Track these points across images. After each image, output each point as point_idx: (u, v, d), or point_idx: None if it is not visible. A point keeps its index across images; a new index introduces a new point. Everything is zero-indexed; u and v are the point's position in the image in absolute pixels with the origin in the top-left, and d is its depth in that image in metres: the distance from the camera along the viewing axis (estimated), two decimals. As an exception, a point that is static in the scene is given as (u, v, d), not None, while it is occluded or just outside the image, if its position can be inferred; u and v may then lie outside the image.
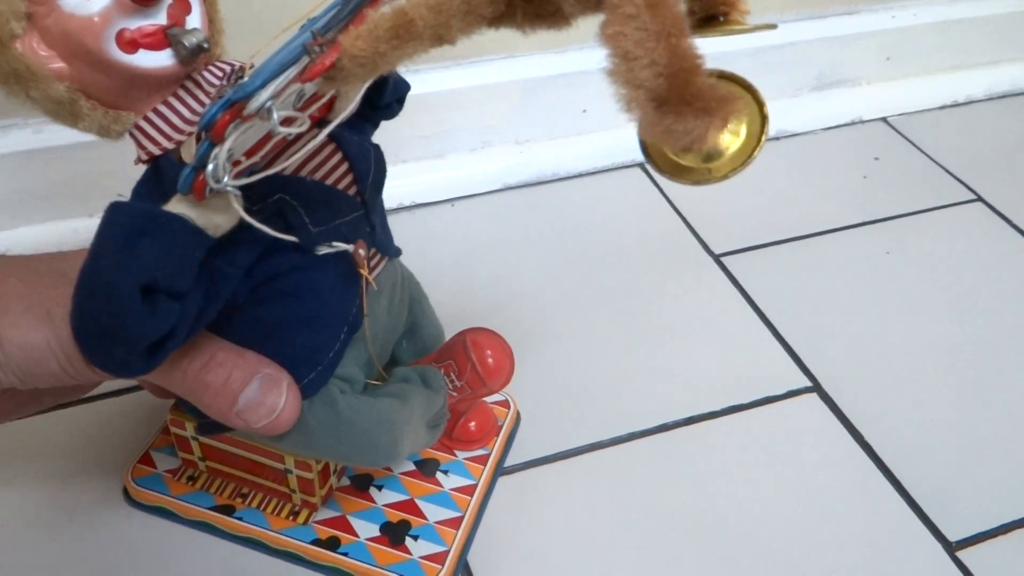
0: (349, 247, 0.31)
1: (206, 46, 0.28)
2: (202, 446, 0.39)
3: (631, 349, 0.50)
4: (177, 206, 0.26)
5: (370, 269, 0.33)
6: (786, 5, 0.67)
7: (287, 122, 0.25)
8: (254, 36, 0.31)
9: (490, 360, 0.38)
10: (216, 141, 0.24)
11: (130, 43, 0.27)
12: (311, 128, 0.26)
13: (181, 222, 0.26)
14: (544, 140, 0.64)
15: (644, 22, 0.20)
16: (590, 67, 0.63)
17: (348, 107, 0.30)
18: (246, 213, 0.27)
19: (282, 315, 0.31)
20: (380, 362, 0.37)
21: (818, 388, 0.48)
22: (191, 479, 0.40)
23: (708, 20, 0.24)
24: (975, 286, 0.55)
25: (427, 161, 0.61)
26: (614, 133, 0.64)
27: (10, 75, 0.27)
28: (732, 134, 0.23)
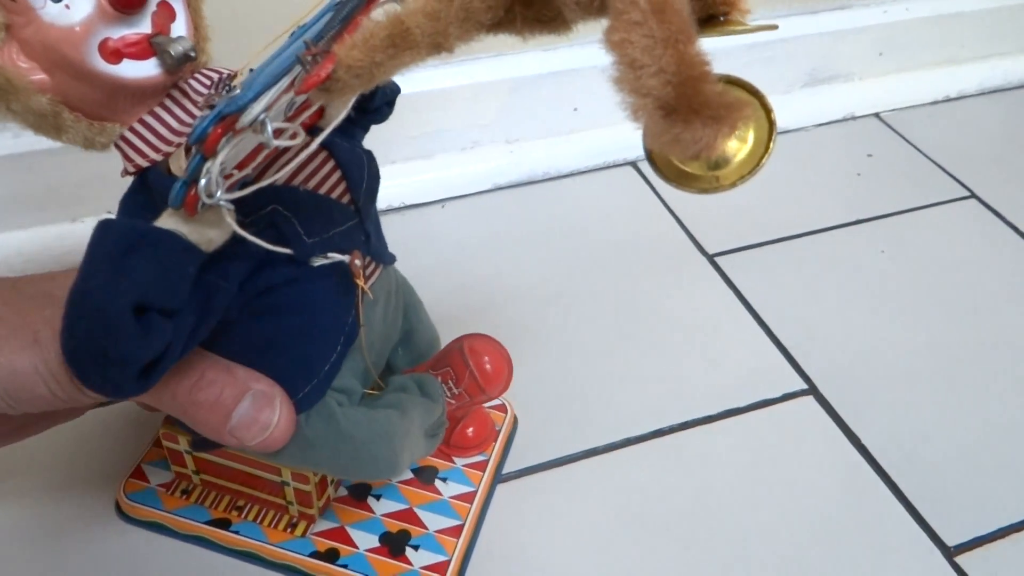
0: (345, 258, 0.30)
1: (193, 55, 0.27)
2: (196, 459, 0.38)
3: (625, 351, 0.50)
4: (168, 221, 0.26)
5: (366, 278, 0.32)
6: (778, 0, 0.67)
7: (281, 134, 0.24)
8: (240, 42, 0.30)
9: (488, 367, 0.37)
10: (208, 155, 0.24)
11: (114, 53, 0.26)
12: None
13: (173, 238, 0.25)
14: (535, 139, 0.63)
15: (651, 28, 0.19)
16: (580, 65, 0.63)
17: (340, 114, 0.29)
18: (239, 226, 0.26)
19: (277, 329, 0.30)
20: (376, 371, 0.36)
21: (814, 390, 0.48)
22: (185, 493, 0.39)
23: (708, 20, 0.24)
24: (971, 285, 0.55)
25: (416, 162, 0.61)
26: (606, 131, 0.64)
27: (-12, 88, 0.26)
28: (739, 140, 0.22)
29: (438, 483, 0.40)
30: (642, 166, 0.64)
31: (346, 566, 0.37)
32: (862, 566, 0.40)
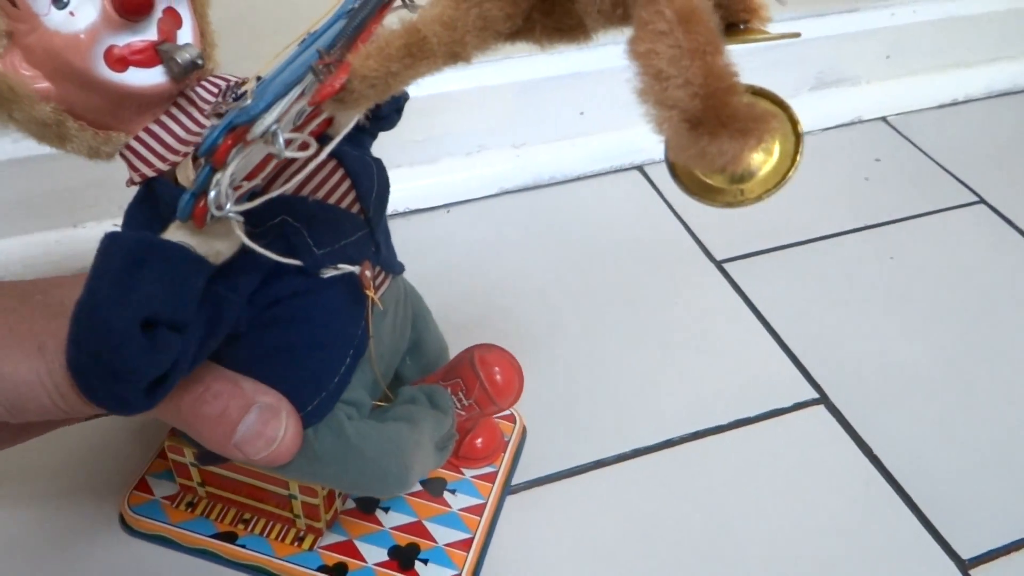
0: (355, 269, 0.30)
1: (200, 62, 0.27)
2: (201, 472, 0.37)
3: (634, 359, 0.49)
4: (176, 233, 0.25)
5: (375, 289, 0.32)
6: (777, 5, 0.66)
7: (291, 144, 0.24)
8: (245, 47, 0.30)
9: (499, 378, 0.37)
10: (218, 167, 0.23)
11: (119, 61, 0.25)
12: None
13: (181, 251, 0.25)
14: (541, 143, 0.63)
15: (677, 39, 0.19)
16: (587, 68, 0.62)
17: (349, 122, 0.28)
18: (248, 238, 0.25)
19: (286, 341, 0.30)
20: (384, 382, 0.35)
21: (825, 400, 0.47)
22: (190, 505, 0.38)
23: (728, 28, 0.23)
24: (981, 291, 0.55)
25: (421, 166, 0.60)
26: (612, 135, 0.63)
27: (-10, 97, 0.25)
28: (765, 153, 0.21)
29: (447, 495, 0.40)
30: (649, 170, 0.63)
31: (354, 580, 0.36)
32: (876, 579, 0.39)
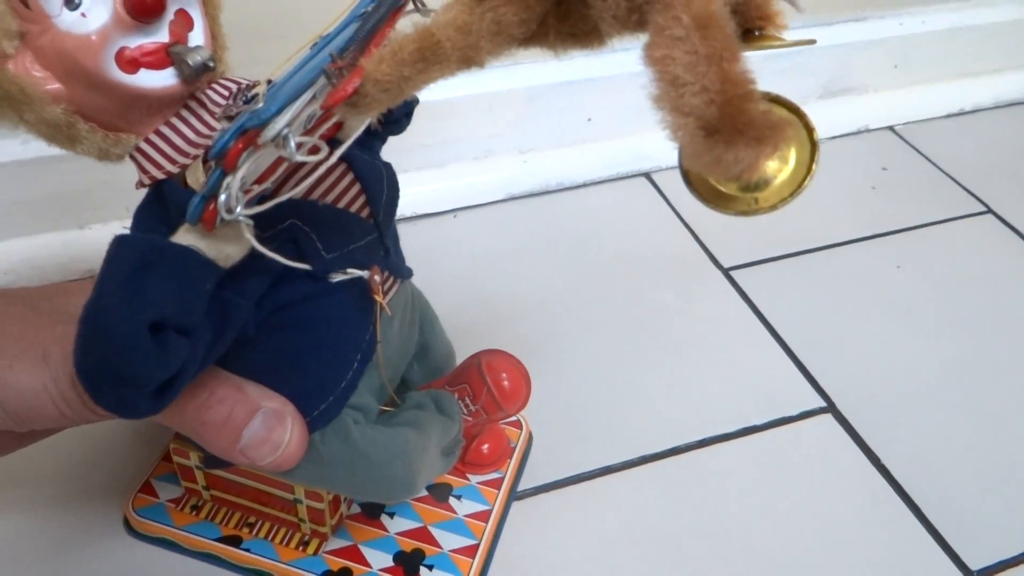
0: (364, 273, 0.29)
1: (212, 64, 0.27)
2: (206, 475, 0.37)
3: (641, 366, 0.49)
4: (185, 237, 0.25)
5: (384, 294, 0.31)
6: (792, 12, 0.66)
7: (302, 148, 0.23)
8: (252, 50, 0.30)
9: (506, 383, 0.37)
10: (228, 170, 0.23)
11: (130, 62, 0.25)
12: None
13: (190, 254, 0.25)
14: (548, 149, 0.62)
15: (694, 45, 0.18)
16: (595, 75, 0.62)
17: (360, 127, 0.28)
18: (257, 241, 0.25)
19: (293, 345, 0.30)
20: (391, 387, 0.35)
21: (832, 408, 0.47)
22: (195, 508, 0.38)
23: (744, 34, 0.23)
24: (989, 302, 0.54)
25: (428, 171, 0.60)
26: (619, 142, 0.63)
27: (2, 98, 0.25)
28: (780, 161, 0.21)
29: (452, 501, 0.39)
30: (656, 177, 0.63)
31: (359, 586, 0.36)
32: (884, 590, 0.39)
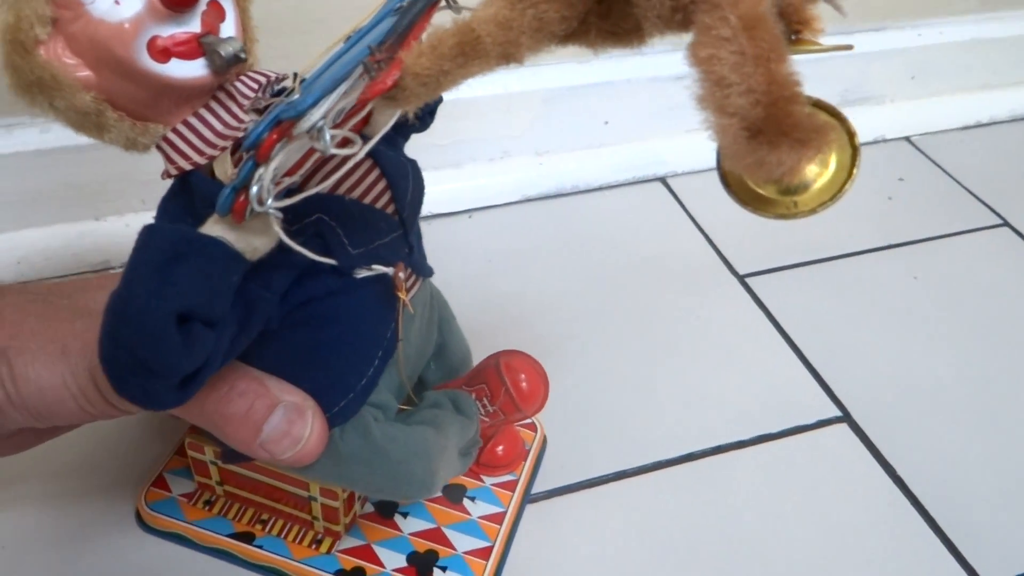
0: (388, 270, 0.29)
1: (243, 56, 0.26)
2: (220, 470, 0.37)
3: (655, 372, 0.48)
4: (214, 228, 0.25)
5: (407, 291, 0.31)
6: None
7: (335, 140, 0.23)
8: (277, 43, 0.29)
9: (524, 384, 0.36)
10: (261, 161, 0.23)
11: (162, 52, 0.25)
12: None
13: (219, 246, 0.24)
14: (564, 152, 0.62)
15: (741, 45, 0.18)
16: (612, 78, 0.62)
17: (388, 121, 0.28)
18: (285, 235, 0.25)
19: (315, 340, 0.29)
20: (410, 385, 0.35)
21: (848, 418, 0.47)
22: (208, 504, 0.38)
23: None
24: (1005, 314, 0.54)
25: (444, 171, 0.60)
26: (636, 146, 0.63)
27: (33, 83, 0.25)
28: (820, 165, 0.21)
29: (467, 502, 0.39)
30: (672, 182, 0.63)
31: (372, 585, 0.36)
32: (899, 602, 0.39)
